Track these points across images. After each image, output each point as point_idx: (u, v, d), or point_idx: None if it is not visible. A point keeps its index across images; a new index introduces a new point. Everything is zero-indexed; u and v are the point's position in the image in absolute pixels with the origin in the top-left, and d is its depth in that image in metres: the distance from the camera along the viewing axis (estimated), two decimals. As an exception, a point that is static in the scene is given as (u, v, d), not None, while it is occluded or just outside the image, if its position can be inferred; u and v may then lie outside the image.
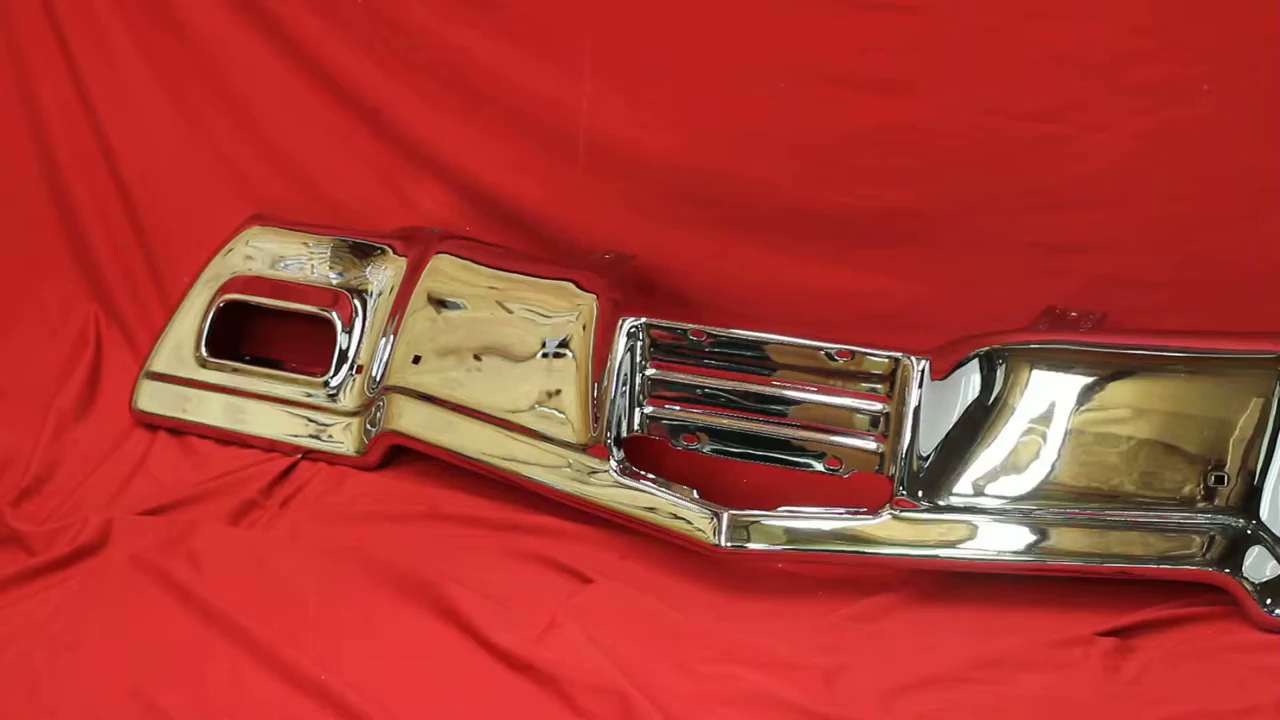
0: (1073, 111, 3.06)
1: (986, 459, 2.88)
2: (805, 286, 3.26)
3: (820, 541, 2.91)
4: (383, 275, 3.36)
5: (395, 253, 3.38)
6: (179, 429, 3.39)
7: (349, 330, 3.35)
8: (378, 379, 3.29)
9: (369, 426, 3.27)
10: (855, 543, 2.90)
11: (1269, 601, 2.75)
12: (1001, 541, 2.87)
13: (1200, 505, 2.81)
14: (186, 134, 3.54)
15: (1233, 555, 2.78)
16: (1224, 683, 2.63)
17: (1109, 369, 2.89)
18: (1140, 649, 2.73)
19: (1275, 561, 2.77)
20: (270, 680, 2.65)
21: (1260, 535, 2.78)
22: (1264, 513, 2.78)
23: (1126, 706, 2.60)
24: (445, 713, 2.60)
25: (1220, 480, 2.80)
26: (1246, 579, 2.77)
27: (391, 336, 3.30)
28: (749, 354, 3.01)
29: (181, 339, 3.42)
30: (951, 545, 2.88)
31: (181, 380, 3.40)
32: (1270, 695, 2.58)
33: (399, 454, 3.27)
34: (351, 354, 3.34)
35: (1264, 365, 2.83)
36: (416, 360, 3.25)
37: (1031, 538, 2.86)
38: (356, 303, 3.36)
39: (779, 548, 2.92)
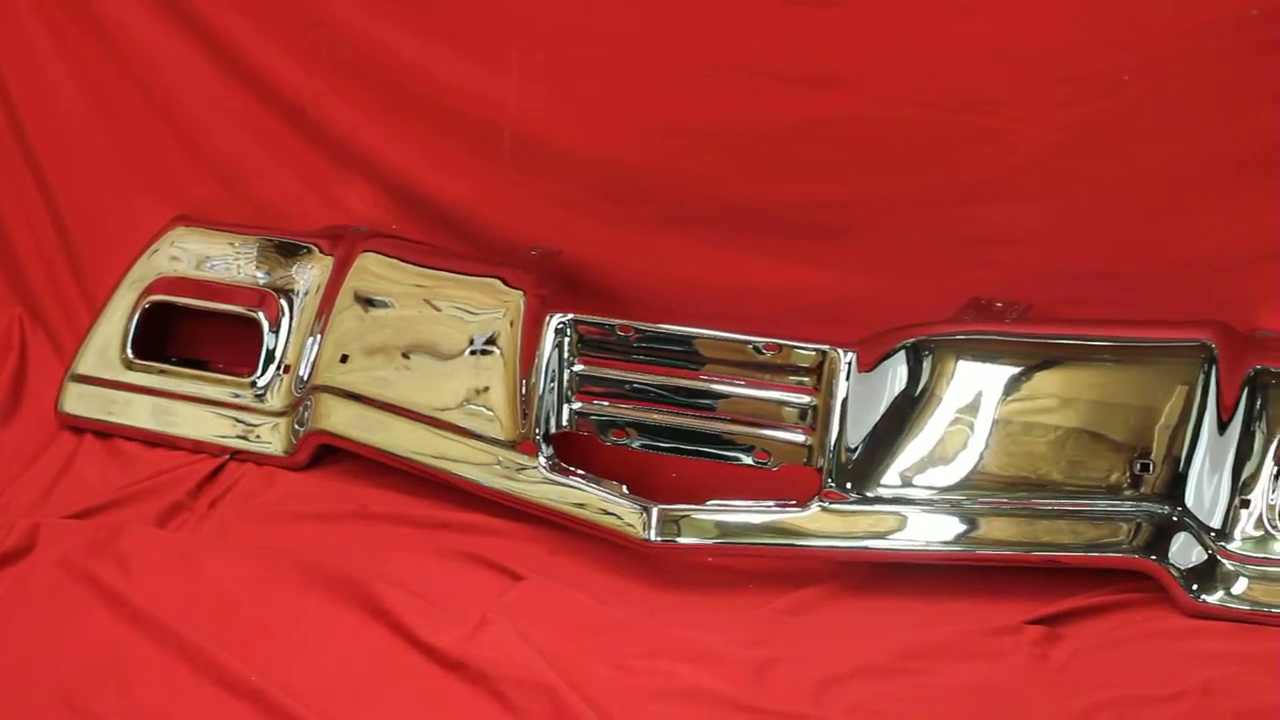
0: (1000, 104, 3.07)
1: (914, 450, 2.89)
2: (733, 281, 3.26)
3: (750, 535, 2.92)
4: (309, 275, 3.35)
5: (321, 252, 3.36)
6: (105, 431, 3.36)
7: (276, 330, 3.33)
8: (305, 379, 3.28)
9: (297, 426, 3.26)
10: (785, 535, 2.91)
11: (1195, 587, 2.77)
12: (931, 532, 2.88)
13: (1126, 493, 2.83)
14: (110, 134, 3.52)
15: (1159, 542, 2.80)
16: (1152, 668, 2.65)
17: (1035, 359, 2.91)
18: (1069, 636, 2.74)
19: (1200, 548, 2.79)
20: (201, 683, 2.63)
21: (1185, 522, 2.79)
22: (1189, 499, 2.80)
23: (1056, 694, 2.61)
24: (377, 712, 2.59)
25: (1146, 468, 2.82)
26: (1173, 565, 2.79)
27: (318, 336, 3.29)
28: (677, 349, 3.01)
29: (107, 341, 3.40)
30: (881, 536, 2.89)
31: (107, 382, 3.38)
32: (1197, 680, 2.60)
33: (327, 453, 3.26)
34: (279, 354, 3.33)
35: (1188, 353, 2.85)
36: (344, 359, 3.24)
37: (960, 528, 2.87)
38: (283, 302, 3.34)
39: (709, 541, 2.92)
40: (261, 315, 3.34)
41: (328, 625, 2.76)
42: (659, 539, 2.92)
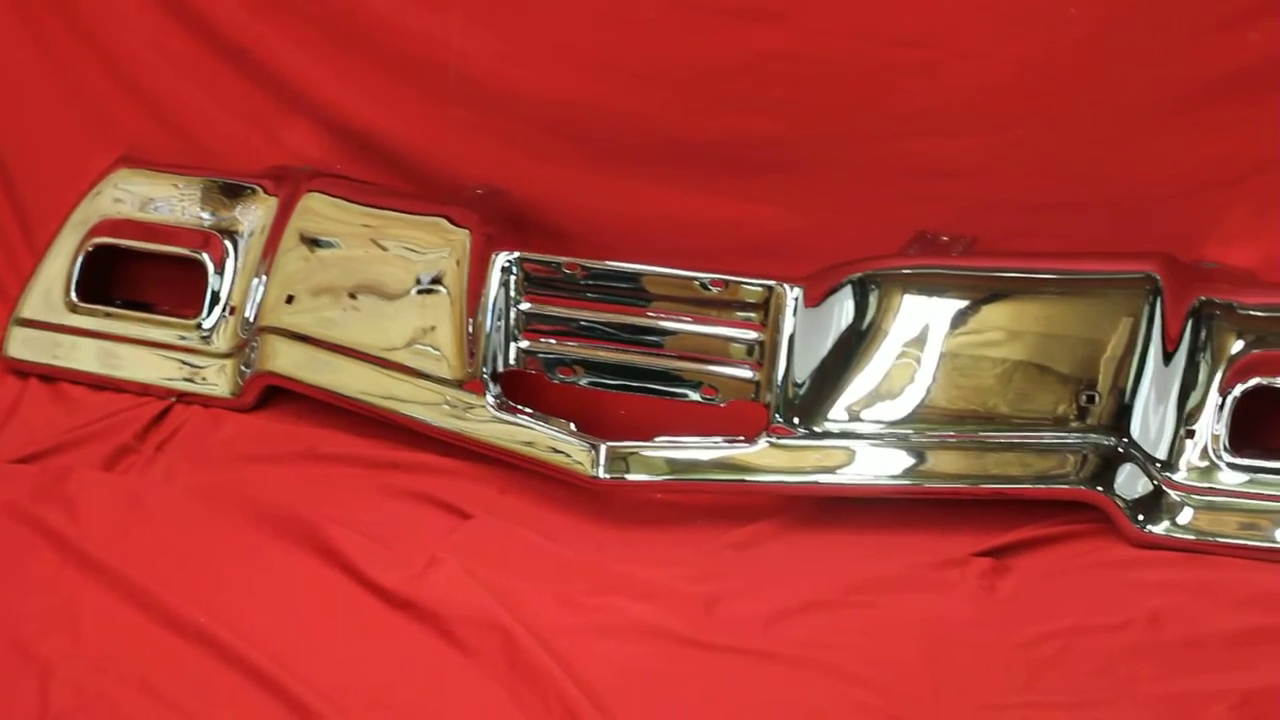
0: (943, 38, 3.07)
1: (861, 384, 2.89)
2: (679, 217, 3.26)
3: (698, 471, 2.92)
4: (254, 215, 3.34)
5: (266, 192, 3.35)
6: (50, 375, 3.35)
7: (221, 272, 3.32)
8: (251, 320, 3.27)
9: (243, 368, 3.25)
10: (733, 471, 2.91)
11: (1141, 517, 2.79)
12: (879, 466, 2.89)
13: (1073, 425, 2.84)
14: (50, 76, 3.48)
15: (1105, 473, 2.81)
16: (1098, 598, 2.67)
17: (981, 292, 2.91)
18: (1016, 568, 2.76)
19: (1146, 478, 2.80)
20: (149, 625, 2.62)
21: (1131, 453, 2.81)
22: (1135, 430, 2.81)
23: (1004, 625, 2.62)
24: (326, 652, 2.58)
25: (1092, 400, 2.83)
26: (1119, 496, 2.80)
27: (264, 277, 3.28)
28: (623, 286, 3.00)
29: (50, 284, 3.38)
30: (829, 471, 2.90)
31: (52, 326, 3.36)
32: (1144, 609, 2.62)
33: (274, 395, 3.25)
34: (224, 295, 3.31)
35: (1133, 285, 2.86)
36: (290, 300, 3.23)
37: (908, 461, 2.88)
38: (228, 244, 3.33)
39: (658, 478, 2.93)
40: (206, 257, 3.32)
41: (276, 566, 2.76)
42: (607, 476, 2.92)
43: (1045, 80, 3.05)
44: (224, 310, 3.31)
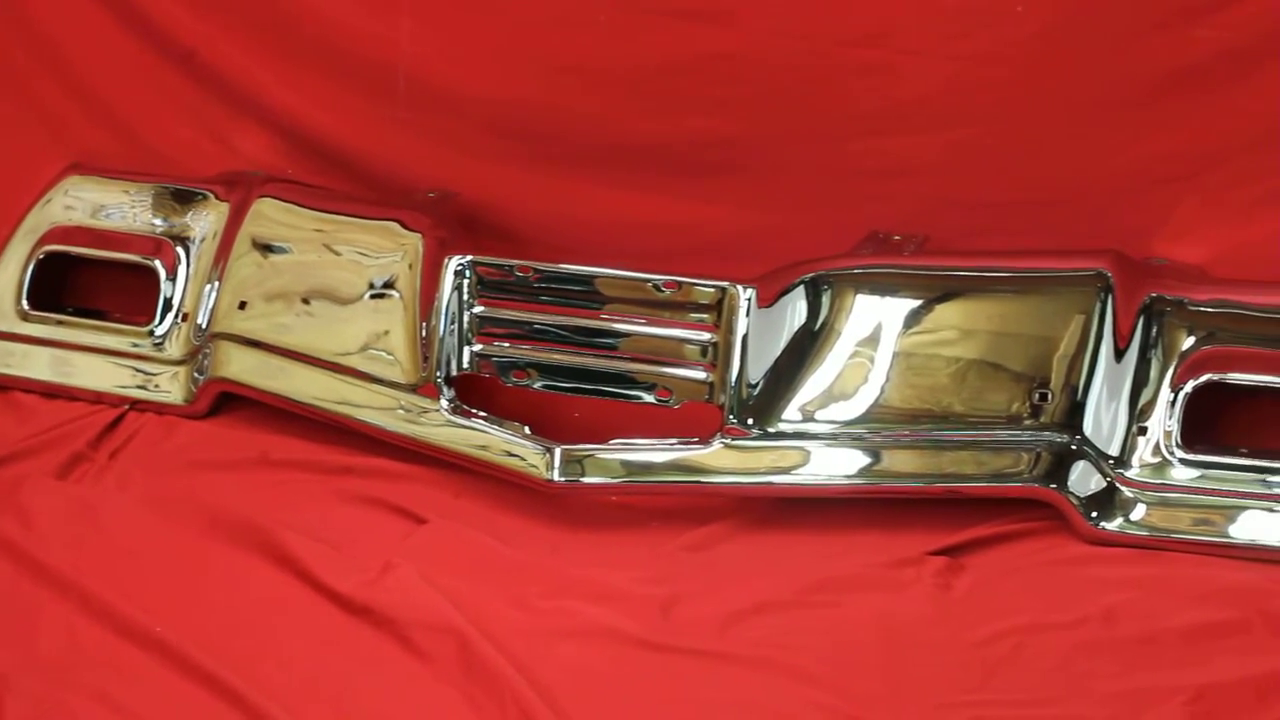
0: (892, 37, 3.08)
1: (815, 384, 2.90)
2: (632, 219, 3.26)
3: (653, 473, 2.93)
4: (205, 221, 3.33)
5: (217, 198, 3.34)
6: (3, 384, 3.33)
7: (173, 278, 3.31)
8: (204, 327, 3.26)
9: (196, 375, 3.24)
10: (688, 473, 2.92)
11: (1094, 514, 2.80)
12: (833, 466, 2.89)
13: (1027, 423, 2.85)
14: (-1, 83, 3.49)
15: (1058, 470, 2.82)
16: (1053, 595, 2.68)
17: (934, 291, 2.92)
18: (971, 566, 2.77)
19: (1099, 475, 2.81)
20: (105, 635, 2.62)
21: (1084, 450, 2.82)
22: (1087, 428, 2.82)
23: (959, 623, 2.63)
24: (283, 659, 2.58)
25: (1045, 397, 2.84)
26: (1072, 493, 2.81)
27: (216, 283, 3.27)
28: (576, 288, 3.00)
29: (1, 293, 3.36)
30: (784, 471, 2.90)
31: (3, 335, 3.34)
32: (1098, 606, 2.63)
33: (228, 401, 3.24)
34: (176, 302, 3.31)
35: (1085, 282, 2.87)
36: (242, 306, 3.22)
37: (863, 461, 2.89)
38: (180, 250, 3.32)
39: (612, 480, 2.93)
40: (158, 264, 3.31)
41: (231, 574, 2.76)
42: (562, 479, 2.92)
43: (994, 78, 3.06)
44: (176, 317, 3.30)
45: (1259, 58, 2.95)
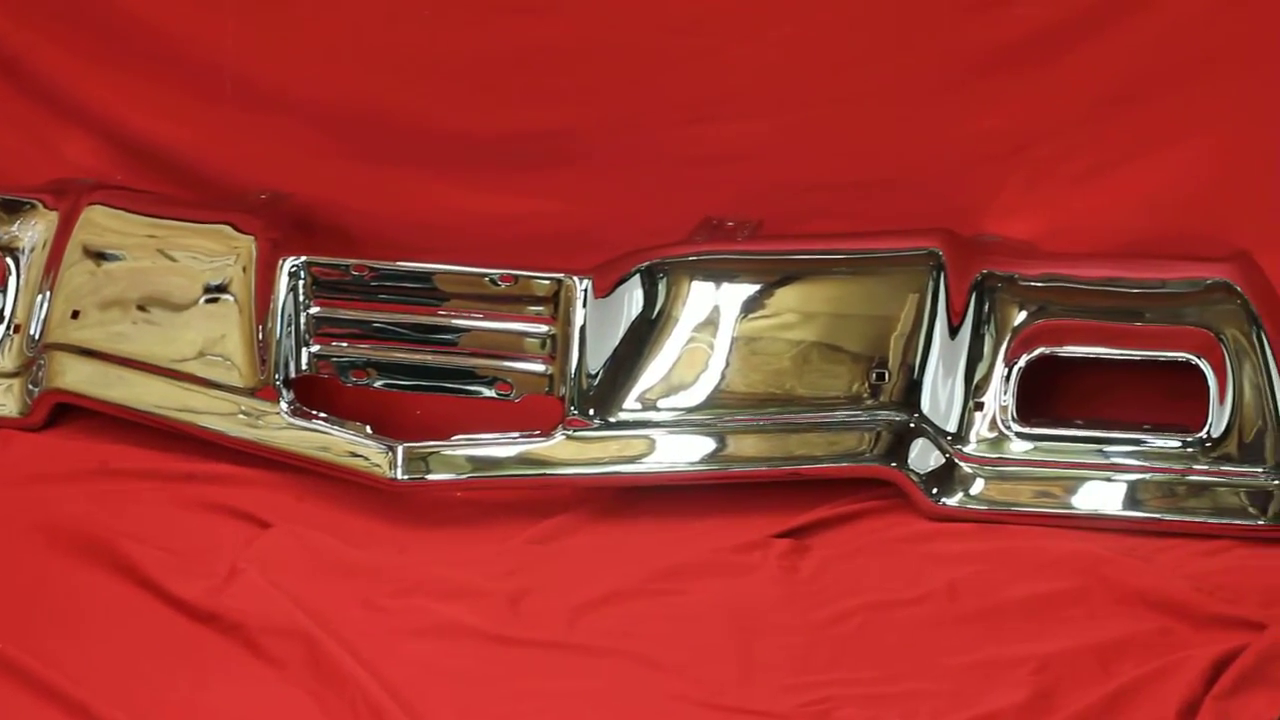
0: (716, 23, 3.11)
1: (655, 372, 2.91)
2: (466, 213, 3.26)
3: (497, 467, 2.92)
4: (34, 231, 3.28)
5: (46, 206, 3.29)
6: None
7: (3, 290, 3.27)
8: (36, 338, 3.22)
9: (31, 386, 3.20)
10: (532, 465, 2.92)
11: (934, 491, 2.83)
12: (677, 453, 2.91)
13: (866, 402, 2.88)
14: None
15: (898, 449, 2.85)
16: (898, 573, 2.70)
17: (769, 275, 2.94)
18: (816, 547, 2.79)
19: (938, 452, 2.85)
20: (-53, 655, 2.58)
21: (923, 428, 2.85)
22: (925, 405, 2.85)
23: (806, 604, 2.65)
24: (131, 670, 2.55)
25: (883, 377, 2.87)
26: (912, 471, 2.84)
27: (48, 293, 3.23)
28: (413, 285, 3.00)
29: None
30: (628, 460, 2.91)
31: None
32: (942, 581, 2.66)
33: (65, 412, 3.20)
34: (8, 314, 3.26)
35: (918, 262, 2.90)
36: (75, 315, 3.18)
37: (707, 447, 2.90)
38: (9, 261, 3.27)
39: (457, 477, 2.92)
40: (-13, 275, 3.28)
41: (73, 586, 2.73)
42: (406, 477, 2.92)
43: (819, 61, 3.09)
44: (8, 329, 3.25)
45: (1079, 33, 2.99)
